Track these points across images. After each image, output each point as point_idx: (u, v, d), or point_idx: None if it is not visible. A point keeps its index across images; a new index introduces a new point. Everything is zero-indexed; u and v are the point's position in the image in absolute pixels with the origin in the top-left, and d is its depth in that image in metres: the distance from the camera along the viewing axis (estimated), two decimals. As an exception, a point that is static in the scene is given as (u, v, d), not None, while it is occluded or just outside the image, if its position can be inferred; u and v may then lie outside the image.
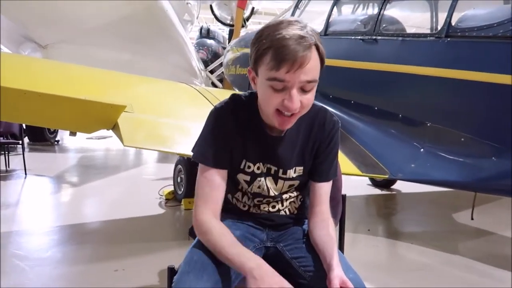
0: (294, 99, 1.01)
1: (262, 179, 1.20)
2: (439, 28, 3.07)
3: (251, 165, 1.19)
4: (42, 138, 7.76)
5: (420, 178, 3.05)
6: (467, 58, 2.82)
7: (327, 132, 1.19)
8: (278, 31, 0.98)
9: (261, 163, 1.19)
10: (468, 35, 2.82)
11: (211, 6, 9.72)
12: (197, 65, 7.45)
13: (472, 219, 3.60)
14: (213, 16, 9.97)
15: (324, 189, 1.21)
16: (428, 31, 3.49)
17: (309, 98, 1.05)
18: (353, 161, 3.06)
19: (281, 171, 1.20)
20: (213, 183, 1.12)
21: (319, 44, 1.02)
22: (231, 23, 9.39)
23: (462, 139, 2.84)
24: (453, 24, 2.91)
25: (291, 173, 1.20)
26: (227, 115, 1.15)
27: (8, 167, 5.60)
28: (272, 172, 1.20)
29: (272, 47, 0.98)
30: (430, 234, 3.61)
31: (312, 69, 1.01)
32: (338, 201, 1.49)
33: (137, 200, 4.29)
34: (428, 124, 3.04)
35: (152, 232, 3.40)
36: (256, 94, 1.15)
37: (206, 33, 10.33)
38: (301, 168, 1.21)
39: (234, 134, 1.15)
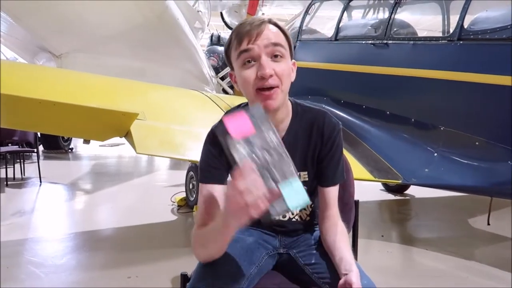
0: (265, 64, 1.03)
1: None
2: (451, 31, 3.04)
3: None
4: (56, 146, 7.88)
5: (434, 182, 3.01)
6: (481, 60, 2.79)
7: (327, 136, 1.16)
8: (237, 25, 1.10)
9: None
10: (481, 38, 2.79)
11: (221, 14, 9.80)
12: (208, 72, 7.50)
13: (488, 224, 3.53)
14: (223, 23, 10.04)
15: (332, 193, 1.19)
16: (440, 34, 3.46)
17: (283, 68, 1.06)
18: (365, 166, 3.04)
19: None
20: (206, 198, 1.11)
21: (277, 22, 1.09)
22: (241, 30, 9.43)
23: (477, 143, 2.80)
24: (465, 26, 2.89)
25: None
26: (220, 134, 1.14)
27: (24, 175, 5.70)
28: None
29: (234, 32, 1.08)
30: (445, 239, 3.55)
31: (273, 34, 1.06)
32: (351, 207, 1.47)
33: (150, 207, 4.32)
34: (442, 128, 3.01)
35: (165, 238, 3.41)
36: (247, 103, 1.16)
37: (216, 40, 10.39)
38: (305, 173, 1.19)
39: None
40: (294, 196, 0.86)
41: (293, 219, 1.26)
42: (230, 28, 10.14)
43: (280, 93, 1.07)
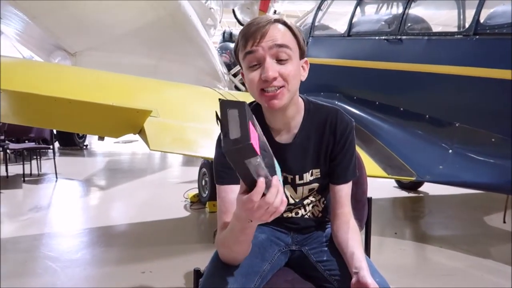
0: (268, 67, 1.01)
1: None
2: (467, 25, 2.99)
3: None
4: (71, 143, 8.00)
5: (449, 180, 2.97)
6: (497, 56, 2.73)
7: (339, 134, 1.15)
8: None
9: None
10: (498, 32, 2.73)
11: (233, 10, 9.79)
12: (221, 69, 7.51)
13: (504, 222, 3.48)
14: (235, 20, 10.03)
15: (344, 191, 1.18)
16: (455, 29, 3.40)
17: (289, 69, 1.03)
18: (379, 163, 3.01)
19: (297, 177, 1.18)
20: (225, 200, 1.09)
21: (286, 21, 1.06)
22: (253, 26, 9.42)
23: (493, 140, 2.75)
24: (481, 21, 2.83)
25: (308, 176, 1.18)
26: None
27: (40, 171, 5.81)
28: (289, 180, 1.18)
29: (241, 32, 1.06)
30: (460, 237, 3.50)
31: (279, 35, 1.03)
32: (364, 204, 1.47)
33: (163, 203, 4.36)
34: (457, 125, 2.96)
35: (178, 234, 3.44)
36: (252, 102, 1.16)
37: (229, 37, 10.39)
38: (318, 170, 1.18)
39: None
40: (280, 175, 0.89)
41: (305, 216, 1.26)
42: (242, 25, 10.14)
43: (287, 93, 1.05)
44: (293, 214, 1.25)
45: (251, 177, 0.80)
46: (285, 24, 1.05)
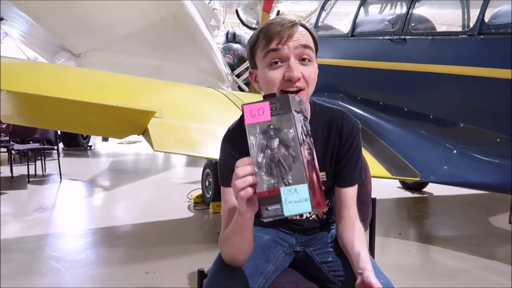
0: (293, 67, 1.01)
1: None
2: (471, 25, 2.98)
3: None
4: (76, 143, 8.04)
5: (453, 180, 2.95)
6: (502, 55, 2.72)
7: (345, 136, 1.14)
8: (264, 22, 1.09)
9: None
10: (503, 32, 2.72)
11: (236, 11, 9.80)
12: (224, 69, 7.52)
13: (510, 222, 3.46)
14: (239, 21, 10.04)
15: (350, 193, 1.17)
16: (460, 29, 3.39)
17: (311, 71, 1.05)
18: (382, 164, 3.00)
19: None
20: (229, 202, 1.08)
21: (306, 24, 1.07)
22: (256, 27, 9.44)
23: (498, 140, 2.74)
24: (486, 20, 2.82)
25: None
26: (237, 135, 1.12)
27: (45, 171, 5.83)
28: None
29: (262, 31, 1.05)
30: (465, 238, 3.48)
31: (303, 37, 1.04)
32: (368, 205, 1.46)
33: (167, 204, 4.37)
34: (461, 125, 2.95)
35: (182, 235, 3.45)
36: None
37: (232, 38, 10.40)
38: (323, 173, 1.17)
39: (247, 151, 1.12)
40: (295, 204, 0.82)
41: (310, 218, 1.26)
42: (245, 25, 10.15)
43: (305, 96, 1.06)
44: (297, 216, 1.25)
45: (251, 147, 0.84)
46: (305, 27, 1.06)
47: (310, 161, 0.87)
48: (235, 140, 1.10)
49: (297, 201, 0.82)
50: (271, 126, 0.84)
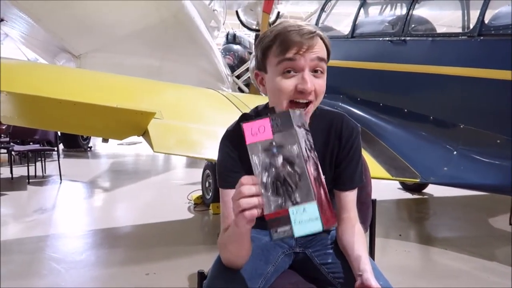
0: (307, 79, 1.00)
1: None
2: (471, 26, 2.98)
3: None
4: (76, 144, 8.04)
5: (453, 181, 2.95)
6: (502, 57, 2.72)
7: (345, 141, 1.14)
8: (279, 26, 1.03)
9: None
10: (503, 33, 2.72)
11: (237, 12, 9.81)
12: (224, 70, 7.53)
13: (510, 224, 3.45)
14: (239, 22, 10.05)
15: (350, 197, 1.17)
16: (460, 30, 3.39)
17: (322, 84, 1.04)
18: (382, 165, 3.00)
19: None
20: (228, 204, 1.07)
21: (322, 35, 1.05)
22: (257, 28, 9.44)
23: (498, 141, 2.74)
24: (486, 22, 2.82)
25: None
26: (236, 136, 1.10)
27: (45, 173, 5.83)
28: None
29: (278, 36, 1.01)
30: (465, 239, 3.48)
31: (320, 49, 1.03)
32: (368, 206, 1.46)
33: (167, 205, 4.37)
34: (461, 126, 2.95)
35: (182, 236, 3.44)
36: (265, 106, 1.15)
37: (232, 39, 10.42)
38: (323, 176, 1.17)
39: (246, 152, 1.12)
40: (305, 223, 0.79)
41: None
42: (245, 26, 10.16)
43: (312, 108, 1.06)
44: None
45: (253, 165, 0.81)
46: (320, 36, 1.04)
47: (317, 177, 0.85)
48: (234, 141, 1.10)
49: (307, 220, 0.80)
50: (274, 144, 0.81)
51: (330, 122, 1.15)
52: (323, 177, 0.88)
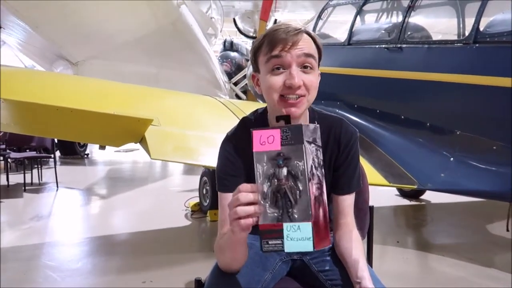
0: (294, 74, 1.01)
1: None
2: (466, 34, 3.00)
3: None
4: (72, 151, 8.00)
5: (450, 188, 2.96)
6: (497, 63, 2.74)
7: (343, 146, 1.14)
8: (269, 28, 1.09)
9: None
10: (498, 40, 2.74)
11: (234, 20, 9.88)
12: (221, 77, 7.55)
13: (507, 230, 3.45)
14: (236, 29, 10.11)
15: (347, 201, 1.17)
16: (455, 37, 3.41)
17: (312, 80, 1.05)
18: (380, 171, 3.00)
19: None
20: (226, 208, 1.05)
21: (311, 32, 1.07)
22: (254, 35, 9.50)
23: (494, 147, 2.75)
24: (481, 29, 2.85)
25: None
26: (236, 141, 1.13)
27: (41, 180, 5.80)
28: None
29: (266, 36, 1.06)
30: (463, 246, 3.48)
31: (307, 45, 1.04)
32: (366, 213, 1.46)
33: (164, 212, 4.35)
34: (458, 133, 2.96)
35: (179, 243, 3.42)
36: (264, 109, 1.16)
37: (229, 46, 10.47)
38: (325, 197, 1.17)
39: (245, 157, 1.08)
40: (297, 242, 0.80)
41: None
42: (243, 34, 10.22)
43: (306, 103, 1.06)
44: None
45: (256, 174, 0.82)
46: (309, 34, 1.06)
47: (318, 197, 0.84)
48: (234, 146, 1.11)
49: (299, 239, 0.80)
50: (281, 155, 0.81)
51: (329, 126, 1.16)
52: (325, 197, 0.88)
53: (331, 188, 1.18)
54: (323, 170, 0.88)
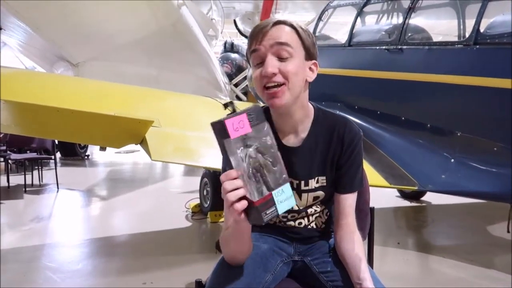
0: (268, 63, 1.04)
1: None
2: (467, 35, 3.01)
3: None
4: (73, 153, 8.01)
5: (451, 189, 2.96)
6: (498, 65, 2.74)
7: (346, 145, 1.15)
8: None
9: None
10: (498, 42, 2.75)
11: (234, 21, 9.88)
12: (222, 78, 7.55)
13: (508, 231, 3.45)
14: (237, 31, 10.11)
15: (349, 201, 1.17)
16: (456, 39, 3.42)
17: (290, 67, 1.05)
18: (380, 173, 3.00)
19: (302, 183, 1.17)
20: None
21: (293, 23, 1.09)
22: (254, 37, 9.51)
23: (495, 149, 2.75)
24: (481, 30, 2.85)
25: (313, 183, 1.18)
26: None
27: (42, 181, 5.80)
28: (295, 185, 1.18)
29: (250, 35, 1.09)
30: (463, 247, 3.47)
31: (281, 34, 1.06)
32: (366, 214, 1.45)
33: (164, 213, 4.35)
34: (458, 134, 2.96)
35: (179, 245, 3.42)
36: (265, 107, 1.16)
37: (230, 47, 10.46)
38: (324, 178, 1.18)
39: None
40: (285, 202, 0.92)
41: (309, 226, 1.26)
42: (243, 35, 10.22)
43: (287, 91, 1.06)
44: (296, 224, 1.25)
45: (228, 160, 0.88)
46: (290, 25, 1.08)
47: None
48: None
49: (285, 199, 0.93)
50: (251, 137, 0.89)
51: (333, 125, 1.17)
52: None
53: (333, 186, 1.19)
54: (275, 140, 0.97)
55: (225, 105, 0.94)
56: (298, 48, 1.07)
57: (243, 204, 0.88)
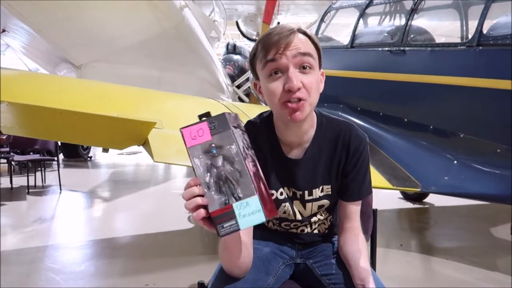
0: (292, 76, 0.98)
1: (287, 204, 1.16)
2: (469, 36, 3.00)
3: (273, 192, 1.14)
4: (76, 154, 8.04)
5: (454, 191, 2.94)
6: (500, 66, 2.73)
7: (352, 152, 1.11)
8: (263, 33, 1.06)
9: (284, 188, 1.15)
10: (501, 43, 2.74)
11: (237, 23, 9.90)
12: (224, 80, 7.56)
13: (511, 233, 3.43)
14: (239, 32, 10.13)
15: (354, 208, 1.15)
16: (458, 40, 3.41)
17: (311, 81, 1.01)
18: (383, 174, 2.99)
19: (306, 193, 1.14)
20: None
21: (306, 31, 1.04)
22: (257, 38, 9.52)
23: (498, 150, 2.73)
24: (484, 32, 2.84)
25: (317, 192, 1.15)
26: (254, 129, 1.13)
27: (44, 182, 5.82)
28: (298, 196, 1.15)
29: (260, 42, 1.04)
30: (466, 249, 3.46)
31: (302, 44, 1.01)
32: (369, 216, 1.45)
33: (167, 215, 4.35)
34: (461, 135, 2.95)
35: (182, 246, 3.42)
36: (270, 113, 1.14)
37: (232, 49, 10.48)
38: (329, 186, 1.15)
39: (261, 146, 1.11)
40: (249, 216, 0.84)
41: (311, 232, 1.24)
42: (245, 37, 10.24)
43: (308, 106, 1.02)
44: (298, 231, 1.23)
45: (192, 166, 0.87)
46: (305, 33, 1.03)
47: (256, 173, 0.89)
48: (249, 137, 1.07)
49: (250, 213, 0.84)
50: (213, 145, 0.87)
51: (337, 132, 1.12)
52: (261, 172, 0.93)
53: (339, 194, 1.17)
54: (253, 150, 0.95)
55: (200, 117, 0.88)
56: (316, 58, 1.04)
57: (200, 213, 0.84)
